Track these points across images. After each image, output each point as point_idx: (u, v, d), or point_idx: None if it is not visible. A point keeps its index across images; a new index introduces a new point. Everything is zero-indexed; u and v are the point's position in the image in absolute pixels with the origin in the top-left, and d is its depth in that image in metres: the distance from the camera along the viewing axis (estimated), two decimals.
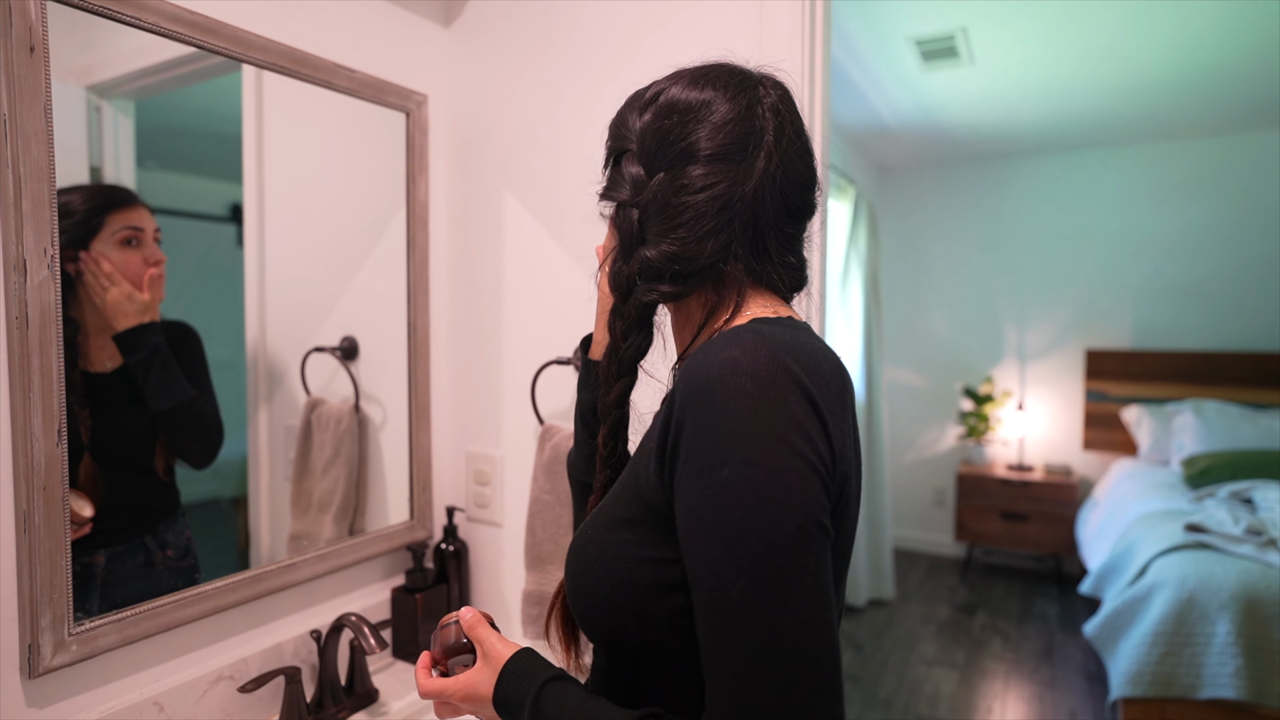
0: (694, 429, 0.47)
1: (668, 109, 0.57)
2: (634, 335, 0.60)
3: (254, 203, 1.06)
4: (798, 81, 1.01)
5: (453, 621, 0.64)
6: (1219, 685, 2.01)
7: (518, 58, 1.27)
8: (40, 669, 0.79)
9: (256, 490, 1.09)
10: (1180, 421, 3.39)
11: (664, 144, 0.57)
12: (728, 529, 0.45)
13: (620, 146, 0.61)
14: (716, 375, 0.47)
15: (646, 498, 0.52)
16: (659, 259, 0.56)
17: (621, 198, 0.59)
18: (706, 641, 0.46)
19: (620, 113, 0.63)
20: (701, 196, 0.55)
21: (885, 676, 2.82)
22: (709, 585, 0.45)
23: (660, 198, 0.56)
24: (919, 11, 2.25)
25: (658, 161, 0.57)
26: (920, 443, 4.34)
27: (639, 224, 0.58)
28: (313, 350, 1.15)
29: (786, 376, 0.47)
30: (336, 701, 1.04)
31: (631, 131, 0.60)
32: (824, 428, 0.47)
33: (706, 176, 0.55)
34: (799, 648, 0.43)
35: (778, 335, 0.50)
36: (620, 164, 0.60)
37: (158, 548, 0.94)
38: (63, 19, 0.79)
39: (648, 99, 0.60)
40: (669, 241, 0.56)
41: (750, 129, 0.56)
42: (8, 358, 0.77)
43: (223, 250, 1.04)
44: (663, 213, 0.56)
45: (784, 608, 0.43)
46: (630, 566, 0.52)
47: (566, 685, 0.55)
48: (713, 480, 0.45)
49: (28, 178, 0.76)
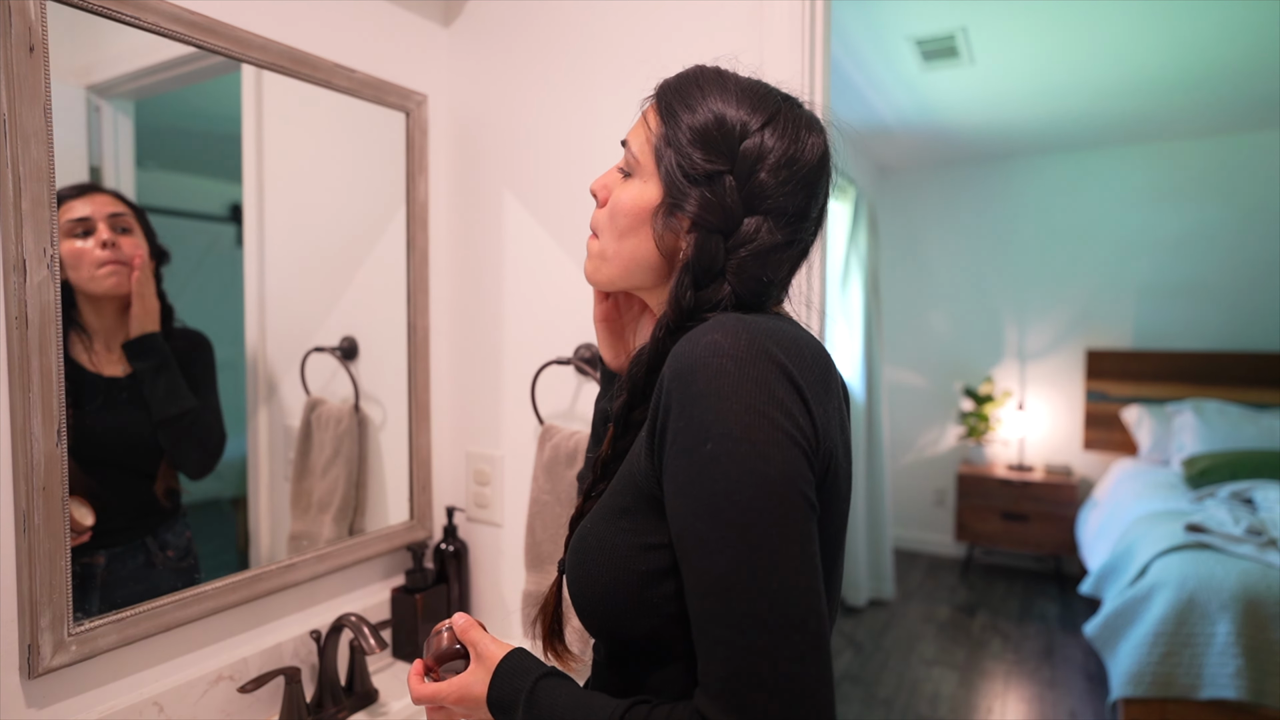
0: (679, 409, 0.48)
1: (790, 160, 0.56)
2: None
3: (254, 203, 1.05)
4: (798, 82, 1.01)
5: (445, 628, 0.64)
6: (1219, 685, 2.01)
7: (518, 57, 1.27)
8: (40, 669, 0.79)
9: (256, 490, 1.09)
10: (1180, 421, 3.39)
11: (766, 189, 0.55)
12: (712, 500, 0.46)
13: (710, 166, 0.55)
14: (699, 357, 0.48)
15: (639, 484, 0.53)
16: (736, 296, 0.56)
17: (703, 219, 0.55)
18: (696, 613, 0.47)
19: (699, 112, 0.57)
20: (792, 252, 0.58)
21: (885, 676, 2.82)
22: (696, 557, 0.46)
23: (756, 240, 0.55)
24: (919, 11, 2.25)
25: (758, 202, 0.56)
26: (920, 443, 4.34)
27: (722, 256, 0.56)
28: (312, 350, 1.15)
29: (765, 357, 0.48)
30: (336, 702, 1.04)
31: (727, 151, 0.56)
32: (805, 404, 0.48)
33: (798, 233, 0.58)
34: (785, 613, 0.44)
35: (759, 321, 0.51)
36: (713, 182, 0.55)
37: (158, 548, 0.94)
38: (62, 19, 0.79)
39: (754, 127, 0.56)
40: (753, 282, 0.56)
41: (827, 191, 0.60)
42: (7, 358, 0.77)
43: (222, 250, 1.03)
44: (754, 256, 0.56)
45: (770, 575, 0.44)
46: (627, 553, 0.53)
47: (560, 681, 0.55)
48: (697, 456, 0.47)
49: (27, 178, 0.76)
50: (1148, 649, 2.10)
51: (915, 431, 4.35)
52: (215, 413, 1.00)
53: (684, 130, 0.57)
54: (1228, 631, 2.02)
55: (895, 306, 4.34)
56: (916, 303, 4.32)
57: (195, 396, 0.96)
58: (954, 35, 2.41)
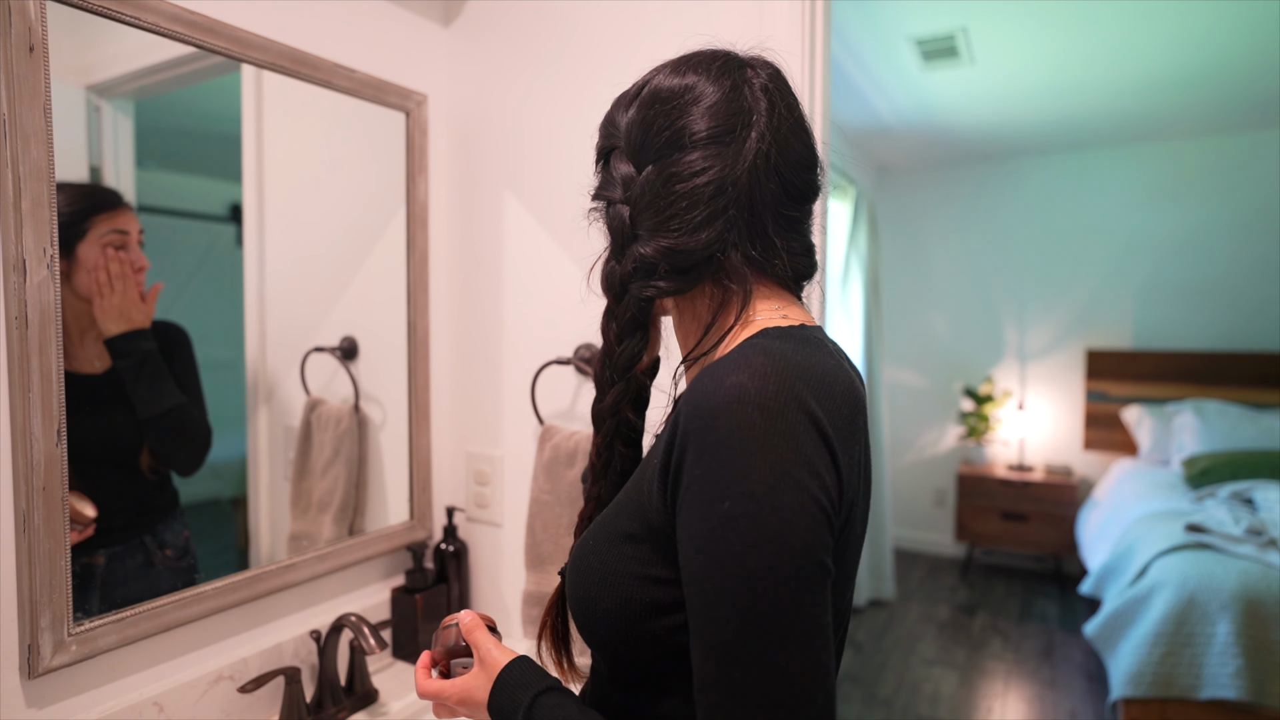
0: (697, 456, 0.45)
1: (651, 99, 0.56)
2: (629, 338, 0.58)
3: (253, 203, 1.05)
4: (798, 82, 1.01)
5: (454, 623, 0.65)
6: (1219, 685, 2.01)
7: (518, 58, 1.27)
8: (40, 669, 0.79)
9: (256, 490, 1.09)
10: (1181, 421, 3.39)
11: (650, 135, 0.55)
12: (726, 564, 0.43)
13: (609, 145, 0.59)
14: (721, 403, 0.45)
15: (649, 516, 0.51)
16: (654, 254, 0.54)
17: (612, 196, 0.58)
18: (699, 673, 0.45)
19: (609, 112, 0.61)
20: (692, 184, 0.53)
21: (885, 676, 2.82)
22: (704, 618, 0.45)
23: (650, 190, 0.54)
24: (919, 11, 2.25)
25: (645, 154, 0.56)
26: (920, 443, 4.34)
27: (630, 220, 0.56)
28: (312, 350, 1.15)
29: (795, 406, 0.45)
30: (336, 701, 1.04)
31: (619, 128, 0.58)
32: (833, 459, 0.46)
33: (696, 162, 0.53)
34: (791, 691, 0.42)
35: (788, 356, 0.48)
36: (610, 162, 0.59)
37: (157, 548, 0.94)
38: (62, 18, 0.79)
39: (632, 94, 0.59)
40: (663, 234, 0.54)
41: (739, 109, 0.54)
42: (7, 358, 0.77)
43: (222, 250, 1.03)
44: (654, 205, 0.54)
45: (779, 650, 0.42)
46: (630, 583, 0.51)
47: (560, 698, 0.55)
48: (714, 512, 0.44)
49: (27, 177, 0.76)
50: (1148, 649, 2.10)
51: (915, 431, 4.35)
52: (200, 406, 0.99)
53: (601, 131, 0.62)
54: (1228, 631, 2.02)
55: (895, 306, 4.34)
56: (916, 302, 4.32)
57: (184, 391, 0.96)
58: (954, 35, 2.41)
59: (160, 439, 0.93)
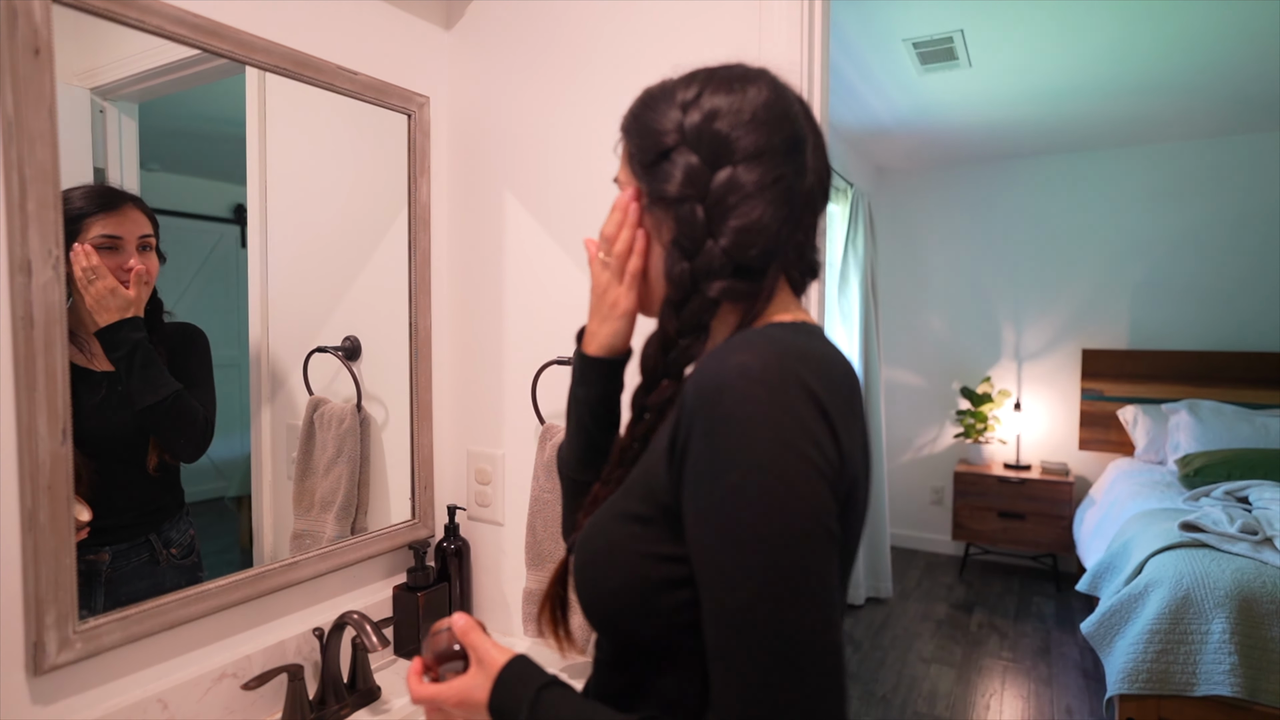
0: (704, 433, 0.47)
1: (714, 113, 0.56)
2: (689, 336, 0.58)
3: (257, 204, 1.06)
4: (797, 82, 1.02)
5: (445, 628, 0.63)
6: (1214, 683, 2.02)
7: (519, 60, 1.28)
8: (45, 666, 0.79)
9: (259, 489, 1.09)
10: (1176, 421, 3.41)
11: (724, 142, 0.56)
12: (736, 533, 0.45)
13: (662, 144, 0.58)
14: (727, 380, 0.47)
15: (658, 495, 0.53)
16: (736, 251, 0.55)
17: (673, 192, 0.57)
18: (713, 643, 0.46)
19: (645, 112, 0.60)
20: (776, 191, 0.55)
21: (883, 674, 2.83)
22: (716, 588, 0.46)
23: (733, 191, 0.55)
24: (916, 13, 2.26)
25: (722, 157, 0.56)
26: (918, 442, 4.36)
27: (705, 219, 0.56)
28: (315, 350, 1.15)
29: (796, 383, 0.47)
30: (339, 699, 1.05)
31: (673, 128, 0.58)
32: (833, 433, 0.48)
33: (775, 169, 0.56)
34: (804, 651, 0.44)
35: (790, 340, 0.50)
36: (670, 159, 0.58)
37: (162, 546, 0.94)
38: (68, 22, 0.80)
39: (690, 100, 0.58)
40: (745, 233, 0.55)
41: (796, 125, 0.57)
42: (13, 358, 0.77)
43: (226, 251, 1.04)
44: (737, 207, 0.55)
45: (790, 611, 0.44)
46: (638, 561, 0.53)
47: (562, 691, 0.55)
48: (721, 485, 0.46)
49: (32, 179, 0.76)
50: (1143, 646, 2.11)
51: (913, 431, 4.36)
52: (211, 401, 0.99)
53: (642, 130, 0.60)
54: (1222, 629, 2.03)
55: (893, 307, 4.35)
56: (914, 303, 4.34)
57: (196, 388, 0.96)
58: (951, 37, 2.42)
59: (158, 427, 0.94)
